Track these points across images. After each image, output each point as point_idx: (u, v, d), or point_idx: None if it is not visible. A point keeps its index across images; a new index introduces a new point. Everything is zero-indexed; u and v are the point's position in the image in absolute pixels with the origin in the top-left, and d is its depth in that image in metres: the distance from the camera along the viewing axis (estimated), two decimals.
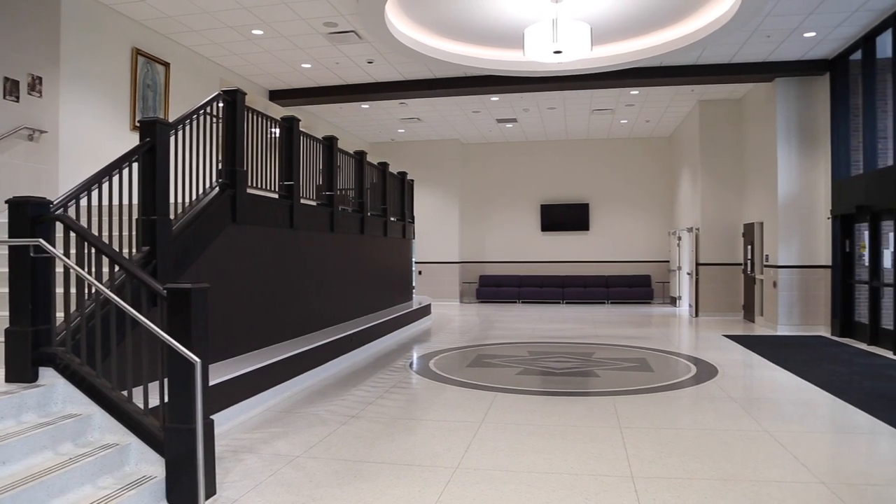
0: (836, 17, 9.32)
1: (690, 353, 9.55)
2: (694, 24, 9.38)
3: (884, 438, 5.26)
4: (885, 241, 9.93)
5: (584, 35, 8.03)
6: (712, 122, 14.60)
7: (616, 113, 15.53)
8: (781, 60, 11.29)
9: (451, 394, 6.98)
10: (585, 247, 19.01)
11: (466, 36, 9.94)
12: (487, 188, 19.48)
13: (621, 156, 18.81)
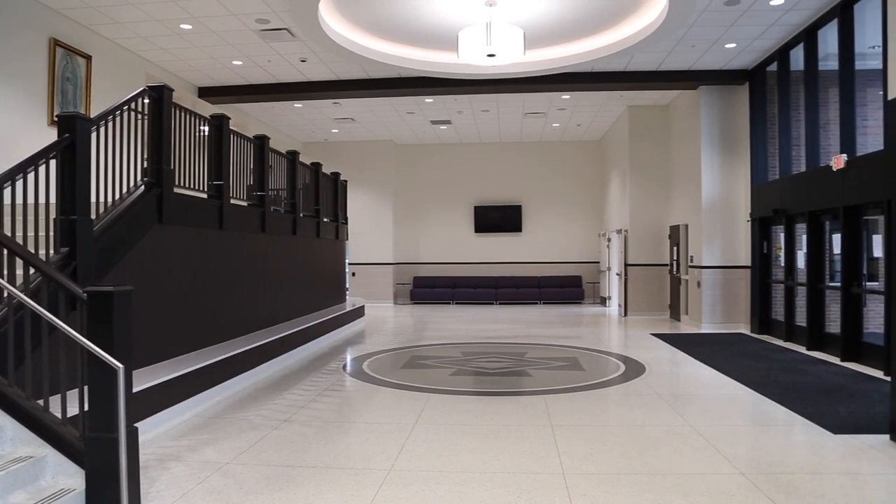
0: (754, 31, 9.76)
1: (619, 352, 9.81)
2: (623, 32, 9.64)
3: (797, 429, 5.53)
4: (798, 243, 10.46)
5: (518, 39, 8.15)
6: (640, 127, 15.04)
7: (548, 116, 15.81)
8: (705, 69, 11.75)
9: (384, 396, 6.95)
10: (518, 248, 19.27)
11: (401, 37, 9.93)
12: (422, 189, 19.50)
13: (553, 159, 19.15)
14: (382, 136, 18.15)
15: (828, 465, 4.61)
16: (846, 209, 8.76)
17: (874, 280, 8.76)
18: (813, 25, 9.53)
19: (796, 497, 3.96)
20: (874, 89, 8.96)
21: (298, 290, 10.66)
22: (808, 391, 6.86)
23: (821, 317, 9.67)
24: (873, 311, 8.87)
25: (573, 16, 9.06)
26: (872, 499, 3.99)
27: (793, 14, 9.18)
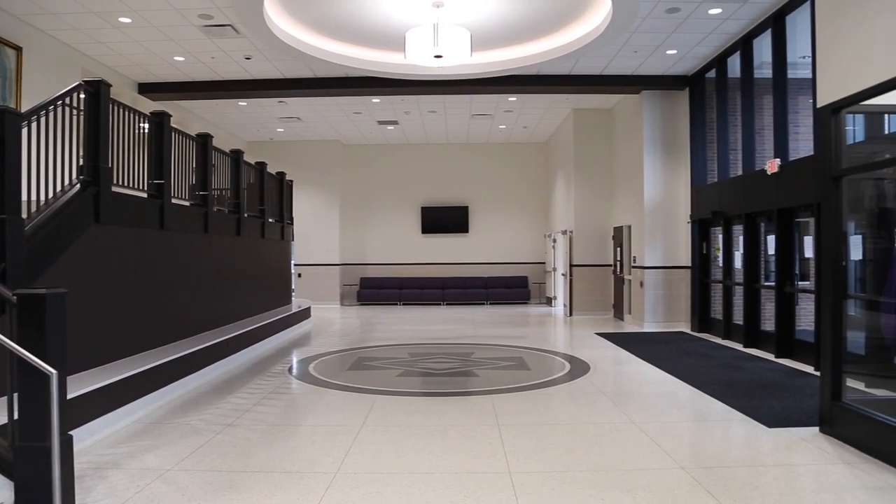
0: (693, 38, 10.05)
1: (565, 351, 9.95)
2: (569, 36, 9.79)
3: (734, 424, 5.71)
4: (736, 244, 10.81)
5: (465, 41, 8.19)
6: (585, 130, 15.30)
7: (495, 118, 15.94)
8: (647, 74, 12.03)
9: (331, 398, 6.89)
10: (465, 249, 19.36)
11: (348, 36, 9.85)
12: (368, 190, 19.40)
13: (500, 160, 19.31)
14: (329, 135, 17.99)
15: (763, 458, 4.78)
16: (780, 211, 9.10)
17: (806, 280, 9.12)
18: (749, 35, 9.87)
19: (733, 489, 4.10)
20: (805, 97, 9.34)
21: (243, 291, 10.48)
22: (745, 387, 7.09)
23: (756, 315, 10.01)
24: (805, 310, 9.24)
25: (519, 19, 9.16)
26: (802, 488, 4.15)
27: (730, 23, 9.49)
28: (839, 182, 5.24)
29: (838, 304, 5.28)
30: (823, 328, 5.43)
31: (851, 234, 6.76)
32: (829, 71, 5.30)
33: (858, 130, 7.74)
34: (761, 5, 8.89)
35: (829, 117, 5.26)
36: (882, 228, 6.78)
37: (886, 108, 6.23)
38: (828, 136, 5.29)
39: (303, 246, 18.13)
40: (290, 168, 15.18)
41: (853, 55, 4.98)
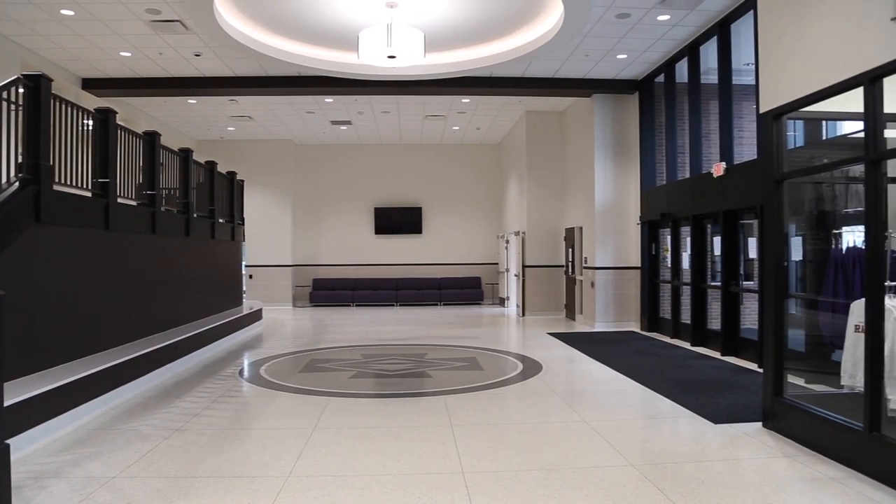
0: (643, 43, 10.26)
1: (517, 351, 10.04)
2: (521, 39, 9.88)
3: (682, 420, 5.85)
4: (684, 245, 11.08)
5: (418, 42, 8.19)
6: (538, 132, 15.46)
7: (448, 119, 15.98)
8: (598, 78, 12.23)
9: (283, 401, 6.80)
10: (419, 250, 19.35)
11: (301, 35, 9.74)
12: (321, 190, 19.22)
13: (453, 161, 19.37)
14: (281, 135, 17.76)
15: (709, 453, 4.91)
16: (725, 213, 9.36)
17: (750, 280, 9.40)
18: (696, 41, 10.12)
19: (681, 484, 4.20)
20: (749, 102, 9.64)
21: (192, 293, 10.26)
22: (693, 385, 7.27)
23: (703, 314, 10.28)
24: (749, 309, 9.53)
25: (473, 21, 9.20)
26: (746, 482, 4.28)
27: (678, 29, 9.72)
28: (780, 185, 5.42)
29: (780, 303, 5.45)
30: (766, 327, 5.61)
31: (792, 235, 7.00)
32: (771, 78, 5.48)
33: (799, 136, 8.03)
34: (707, 13, 9.13)
35: (771, 122, 5.43)
36: (821, 230, 7.04)
37: (824, 114, 6.47)
38: (770, 140, 5.47)
39: (254, 247, 17.86)
40: (241, 167, 14.93)
41: (794, 63, 5.16)
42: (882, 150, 4.34)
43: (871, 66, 4.28)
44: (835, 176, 6.62)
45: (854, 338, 4.83)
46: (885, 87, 4.30)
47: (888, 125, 4.53)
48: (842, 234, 6.58)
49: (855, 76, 4.43)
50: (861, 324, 4.58)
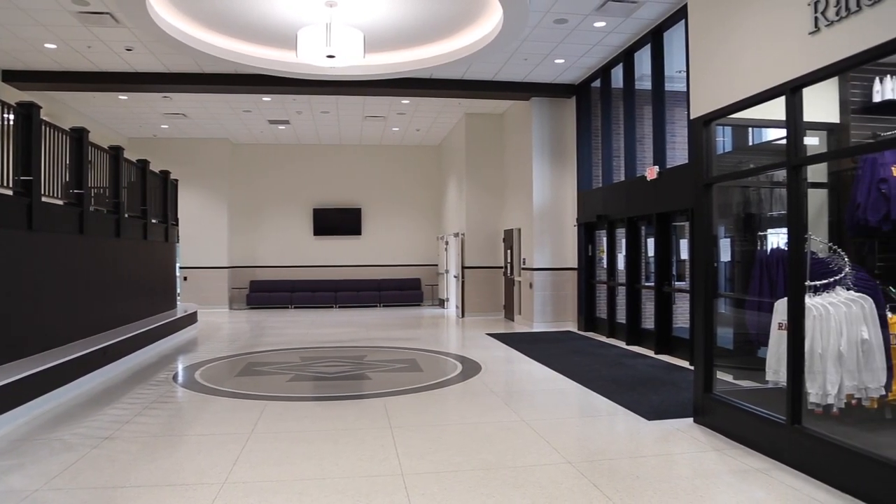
0: (580, 48, 10.47)
1: (457, 352, 10.08)
2: (461, 42, 9.93)
3: (618, 418, 5.99)
4: (619, 247, 11.35)
5: (358, 42, 8.13)
6: (477, 134, 15.57)
7: (388, 120, 15.93)
8: (536, 82, 12.42)
9: (218, 406, 6.65)
10: (358, 251, 19.23)
11: (238, 32, 9.53)
12: (259, 190, 18.88)
13: (393, 162, 19.33)
14: (217, 133, 17.36)
15: (643, 449, 5.04)
16: (658, 216, 9.64)
17: (682, 280, 9.70)
18: (630, 48, 10.39)
19: (616, 480, 4.30)
20: (681, 108, 9.95)
21: (123, 296, 9.92)
22: (627, 383, 7.46)
23: (638, 314, 10.55)
24: (681, 308, 9.83)
25: (413, 22, 9.20)
26: (679, 476, 4.41)
27: (613, 36, 9.95)
28: (710, 189, 5.62)
29: (709, 302, 5.65)
30: (696, 325, 5.80)
31: (721, 237, 7.27)
32: (701, 85, 5.67)
33: (728, 141, 8.34)
34: (641, 21, 9.39)
35: (701, 128, 5.63)
36: (747, 232, 7.33)
37: (751, 121, 6.74)
38: (699, 145, 5.66)
39: (189, 248, 17.40)
40: (175, 167, 14.52)
41: (722, 72, 5.35)
42: (802, 157, 4.55)
43: (792, 77, 4.48)
44: (760, 180, 6.90)
45: (778, 335, 5.05)
46: (804, 96, 4.51)
47: (808, 133, 4.76)
48: (767, 235, 6.87)
49: (777, 86, 4.63)
50: (784, 322, 4.79)
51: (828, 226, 5.67)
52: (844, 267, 4.99)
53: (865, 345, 4.72)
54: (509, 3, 7.97)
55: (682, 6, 8.53)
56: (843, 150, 5.53)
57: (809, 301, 4.71)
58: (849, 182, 5.40)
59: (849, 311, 4.75)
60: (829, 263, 5.06)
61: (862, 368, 4.71)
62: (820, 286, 4.93)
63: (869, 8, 3.87)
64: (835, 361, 4.70)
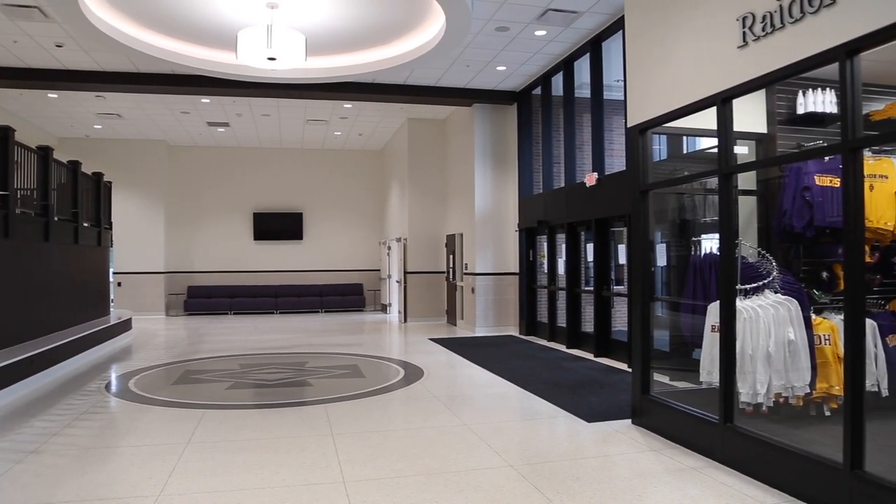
0: (521, 56, 10.62)
1: (399, 357, 10.06)
2: (404, 47, 9.93)
3: (558, 421, 6.08)
4: (559, 252, 11.54)
5: (299, 44, 8.04)
6: (419, 140, 15.59)
7: (330, 124, 15.80)
8: (478, 88, 12.53)
9: (153, 415, 6.45)
10: (299, 256, 18.99)
11: (176, 31, 9.29)
12: (197, 194, 18.44)
13: (335, 167, 19.18)
14: (154, 135, 16.88)
15: (583, 451, 5.13)
16: (597, 221, 9.84)
17: (620, 284, 9.93)
18: (570, 57, 10.60)
19: (557, 482, 4.36)
20: (619, 117, 10.20)
21: (52, 302, 9.52)
22: (568, 385, 7.58)
23: (578, 318, 10.74)
24: (620, 312, 10.05)
25: (356, 26, 9.16)
26: (618, 476, 4.51)
27: (553, 45, 10.13)
28: (646, 195, 5.77)
29: (645, 306, 5.80)
30: (633, 328, 5.95)
31: (658, 242, 7.47)
32: (637, 95, 5.83)
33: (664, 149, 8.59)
34: (581, 31, 9.58)
35: (637, 136, 5.78)
36: (682, 237, 7.56)
37: (685, 130, 6.96)
38: (636, 153, 5.81)
39: (123, 253, 16.86)
40: (109, 168, 14.07)
41: (657, 82, 5.51)
42: (732, 165, 4.73)
43: (723, 88, 4.66)
44: (694, 187, 7.13)
45: (711, 337, 5.22)
46: (734, 107, 4.69)
47: (738, 142, 4.95)
48: (700, 241, 7.10)
49: (709, 96, 4.81)
50: (717, 324, 4.95)
51: (757, 231, 5.90)
52: (772, 271, 5.20)
53: (792, 345, 4.93)
54: (452, 9, 8.02)
55: (620, 18, 8.76)
56: (770, 159, 5.76)
57: (740, 304, 4.89)
58: (776, 190, 5.64)
59: (776, 313, 4.96)
60: (758, 268, 5.27)
61: (789, 368, 4.92)
62: (750, 289, 5.13)
63: (791, 25, 4.05)
64: (764, 362, 4.89)
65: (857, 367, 3.69)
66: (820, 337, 5.07)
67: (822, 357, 5.04)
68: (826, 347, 5.05)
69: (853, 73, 3.67)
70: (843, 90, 3.71)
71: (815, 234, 5.28)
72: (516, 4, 8.59)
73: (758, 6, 4.32)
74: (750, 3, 4.39)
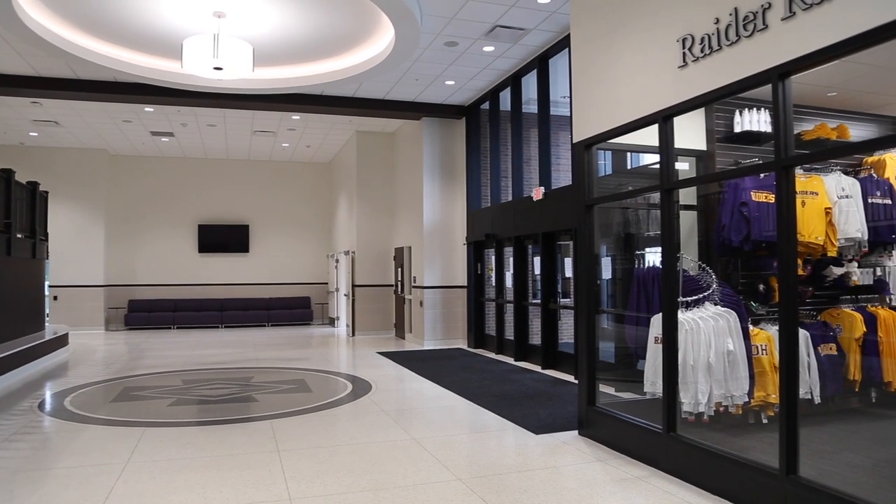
0: (470, 71, 10.73)
1: (347, 372, 9.97)
2: (353, 59, 9.93)
3: (507, 433, 6.12)
4: (507, 265, 11.64)
5: (247, 55, 7.95)
6: (368, 152, 15.56)
7: (278, 136, 15.64)
8: (427, 102, 12.60)
9: (90, 434, 6.22)
10: (246, 269, 18.67)
11: (118, 38, 9.06)
12: (140, 205, 17.95)
13: (283, 179, 18.96)
14: (94, 144, 16.38)
15: (531, 463, 5.17)
16: (544, 235, 9.98)
17: (567, 297, 10.08)
18: (518, 72, 10.76)
19: (505, 494, 4.38)
20: (565, 132, 10.39)
21: None
22: (515, 398, 7.63)
23: (525, 330, 10.84)
24: (567, 324, 10.20)
25: (304, 38, 9.11)
26: (565, 487, 4.56)
27: (502, 61, 10.27)
28: (591, 210, 5.88)
29: (591, 318, 5.89)
30: (580, 341, 6.04)
31: (603, 255, 7.62)
32: (583, 111, 5.95)
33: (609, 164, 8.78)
34: (528, 47, 9.75)
35: (583, 152, 5.90)
36: (627, 251, 7.73)
37: (629, 146, 7.14)
38: (581, 168, 5.93)
39: (61, 265, 16.27)
40: (46, 178, 13.59)
41: (602, 99, 5.65)
42: (674, 181, 4.87)
43: (664, 106, 4.80)
44: (638, 202, 7.31)
45: (654, 348, 5.34)
46: (675, 125, 4.84)
47: (679, 159, 5.10)
48: (644, 254, 7.27)
49: (651, 114, 4.95)
50: (660, 335, 5.07)
51: (698, 245, 6.08)
52: (712, 284, 5.36)
53: (731, 356, 5.08)
54: (401, 23, 8.06)
55: (566, 35, 8.95)
56: (709, 175, 5.95)
57: (682, 316, 5.02)
58: (715, 205, 5.83)
59: (716, 324, 5.11)
60: (699, 280, 5.42)
61: (728, 378, 5.07)
62: (691, 302, 5.27)
63: (728, 48, 4.22)
64: (705, 372, 5.03)
65: (791, 376, 3.83)
66: (757, 347, 5.25)
67: (759, 366, 5.21)
68: (763, 357, 5.22)
69: (785, 95, 3.84)
70: (776, 111, 3.87)
71: (752, 248, 5.47)
72: (465, 20, 8.69)
73: (697, 29, 4.48)
74: (689, 25, 4.55)
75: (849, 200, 5.52)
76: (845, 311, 5.62)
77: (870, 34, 3.32)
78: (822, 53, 3.58)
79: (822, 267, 5.73)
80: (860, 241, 5.56)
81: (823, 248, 5.43)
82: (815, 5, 3.60)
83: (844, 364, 5.52)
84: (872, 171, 5.76)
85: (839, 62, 3.66)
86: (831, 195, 5.51)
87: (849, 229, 5.49)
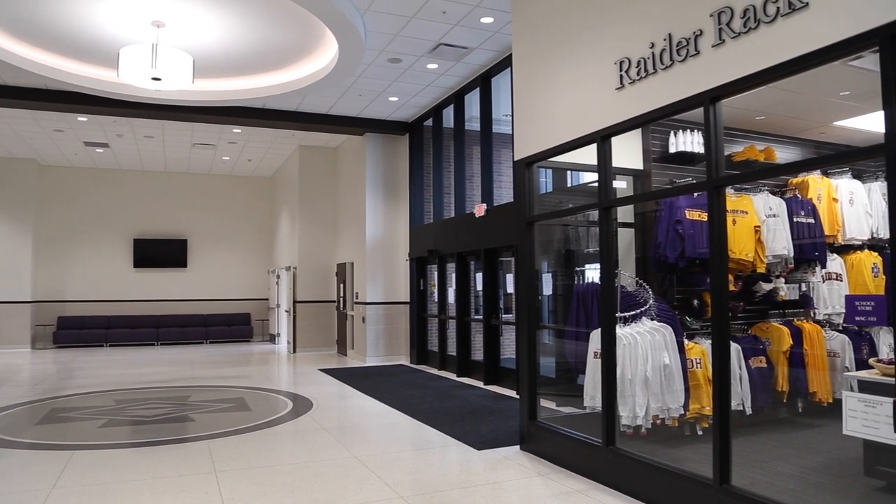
0: (413, 88, 10.80)
1: (288, 389, 9.79)
2: (296, 73, 9.86)
3: (450, 450, 6.11)
4: (449, 281, 11.69)
5: (186, 66, 7.81)
6: (311, 167, 15.42)
7: (218, 149, 15.35)
8: (371, 118, 12.60)
9: (13, 460, 5.92)
10: (183, 285, 18.18)
11: (51, 44, 8.75)
12: (71, 217, 17.29)
13: (223, 193, 18.60)
14: (21, 153, 15.72)
15: (473, 479, 5.17)
16: (486, 251, 10.06)
17: (509, 313, 10.17)
18: (461, 90, 10.87)
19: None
20: (507, 150, 10.54)
21: None
22: (458, 414, 7.64)
23: (468, 346, 10.88)
24: (509, 340, 10.28)
25: (246, 50, 9.01)
26: (508, 502, 4.58)
27: (445, 78, 10.37)
28: (532, 226, 5.98)
29: (531, 334, 5.97)
30: (521, 356, 6.10)
31: (544, 272, 7.73)
32: (524, 129, 6.06)
33: (549, 182, 8.95)
34: (472, 66, 9.87)
35: (524, 169, 6.00)
36: (567, 267, 7.87)
37: (569, 164, 7.29)
38: (522, 185, 6.03)
39: None
40: None
41: (542, 118, 5.76)
42: (612, 199, 5.00)
43: (602, 126, 4.94)
44: (577, 219, 7.46)
45: (594, 363, 5.44)
46: (613, 144, 4.98)
47: (617, 177, 5.24)
48: (583, 270, 7.41)
49: (590, 134, 5.08)
50: (598, 350, 5.18)
51: (635, 262, 6.24)
52: (649, 299, 5.51)
53: (667, 369, 5.22)
54: (345, 38, 8.06)
55: (509, 55, 9.10)
56: (646, 194, 6.13)
57: (620, 331, 5.13)
58: (652, 223, 6.00)
59: (653, 339, 5.24)
60: (636, 296, 5.57)
61: (665, 391, 5.20)
62: (629, 317, 5.40)
63: (663, 71, 4.37)
64: (642, 386, 5.15)
65: (723, 388, 3.96)
66: (692, 361, 5.41)
67: (694, 380, 5.37)
68: (698, 370, 5.39)
69: (716, 118, 4.00)
70: (708, 133, 4.03)
71: (686, 265, 5.65)
72: (409, 38, 8.75)
73: (633, 52, 4.63)
74: (626, 49, 4.71)
75: (776, 219, 5.77)
76: (774, 325, 5.86)
77: (791, 63, 3.51)
78: (750, 79, 3.75)
79: (752, 283, 5.96)
80: (787, 258, 5.81)
81: (753, 264, 5.65)
82: (742, 34, 3.77)
83: (773, 376, 5.74)
84: (797, 191, 6.04)
85: (765, 88, 3.85)
86: (760, 214, 5.75)
87: (776, 247, 5.73)
